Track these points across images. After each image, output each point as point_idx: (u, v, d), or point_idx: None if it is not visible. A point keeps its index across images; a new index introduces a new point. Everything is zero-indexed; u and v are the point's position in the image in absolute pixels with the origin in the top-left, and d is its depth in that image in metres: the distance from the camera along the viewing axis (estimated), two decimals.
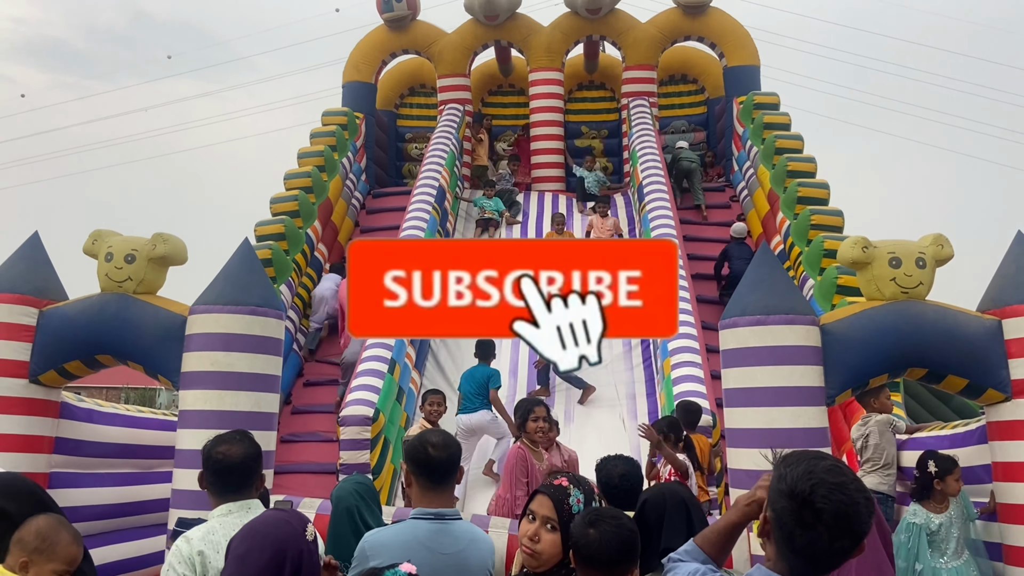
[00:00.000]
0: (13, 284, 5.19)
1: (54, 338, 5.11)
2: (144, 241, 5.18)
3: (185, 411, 4.79)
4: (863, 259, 5.18)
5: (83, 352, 5.12)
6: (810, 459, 1.70)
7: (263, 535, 2.05)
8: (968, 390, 4.94)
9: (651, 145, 11.30)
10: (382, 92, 13.45)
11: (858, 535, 1.62)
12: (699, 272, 9.90)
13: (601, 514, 2.18)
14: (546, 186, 12.49)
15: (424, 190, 10.49)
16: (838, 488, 1.62)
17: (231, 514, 2.56)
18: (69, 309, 5.17)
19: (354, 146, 12.12)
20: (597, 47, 13.24)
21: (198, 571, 2.39)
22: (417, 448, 2.51)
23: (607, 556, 2.11)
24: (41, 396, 5.20)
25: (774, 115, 10.83)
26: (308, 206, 10.11)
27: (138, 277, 5.14)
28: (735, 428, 4.78)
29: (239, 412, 4.57)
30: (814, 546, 1.62)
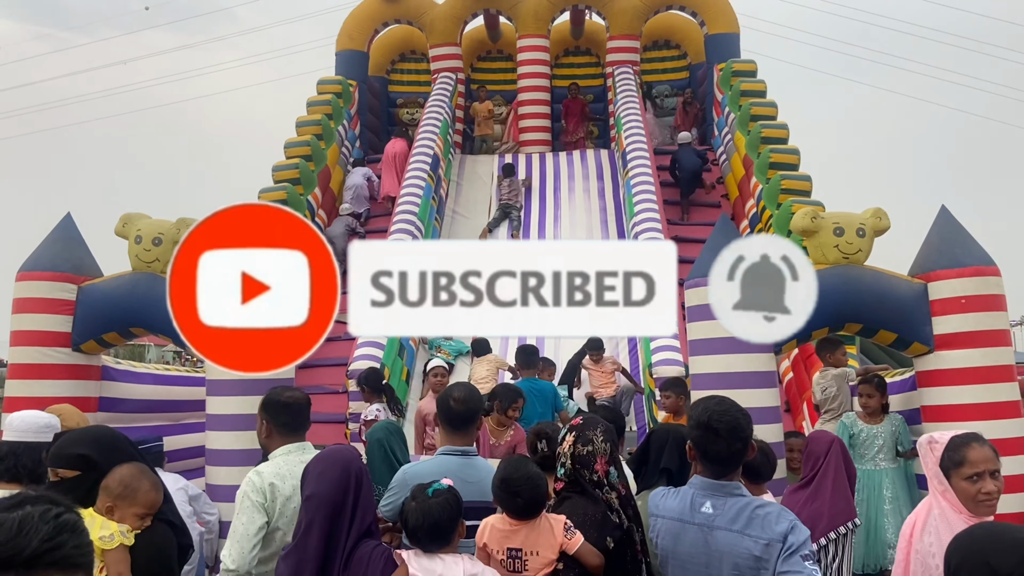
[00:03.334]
0: (53, 263, 5.87)
1: (93, 312, 5.79)
2: (170, 225, 5.83)
3: (212, 380, 5.47)
4: (812, 228, 5.89)
5: (119, 324, 5.81)
6: (707, 401, 2.50)
7: (333, 458, 2.77)
8: (897, 343, 5.70)
9: (635, 112, 11.88)
10: (374, 59, 13.91)
11: (745, 440, 2.47)
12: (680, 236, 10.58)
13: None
14: (534, 148, 13.06)
15: (420, 158, 11.12)
16: (724, 413, 2.48)
17: (290, 453, 3.06)
18: (105, 286, 5.85)
19: (348, 114, 12.69)
20: (583, 15, 13.73)
21: (268, 498, 2.91)
22: (443, 400, 3.18)
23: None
24: (83, 362, 5.93)
25: (751, 82, 11.41)
26: (308, 174, 10.74)
27: (165, 258, 5.75)
28: (698, 373, 5.56)
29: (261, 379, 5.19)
30: (720, 452, 2.46)
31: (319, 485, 2.67)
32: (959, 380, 5.38)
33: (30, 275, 5.83)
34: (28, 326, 5.76)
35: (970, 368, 5.35)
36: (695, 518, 2.46)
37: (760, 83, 11.44)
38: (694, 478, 2.55)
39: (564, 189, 11.91)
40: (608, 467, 2.73)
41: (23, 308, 5.79)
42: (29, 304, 5.78)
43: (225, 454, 5.20)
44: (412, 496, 2.70)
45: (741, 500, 2.45)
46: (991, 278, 5.50)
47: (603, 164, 12.36)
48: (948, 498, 2.57)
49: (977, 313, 5.42)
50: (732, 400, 2.56)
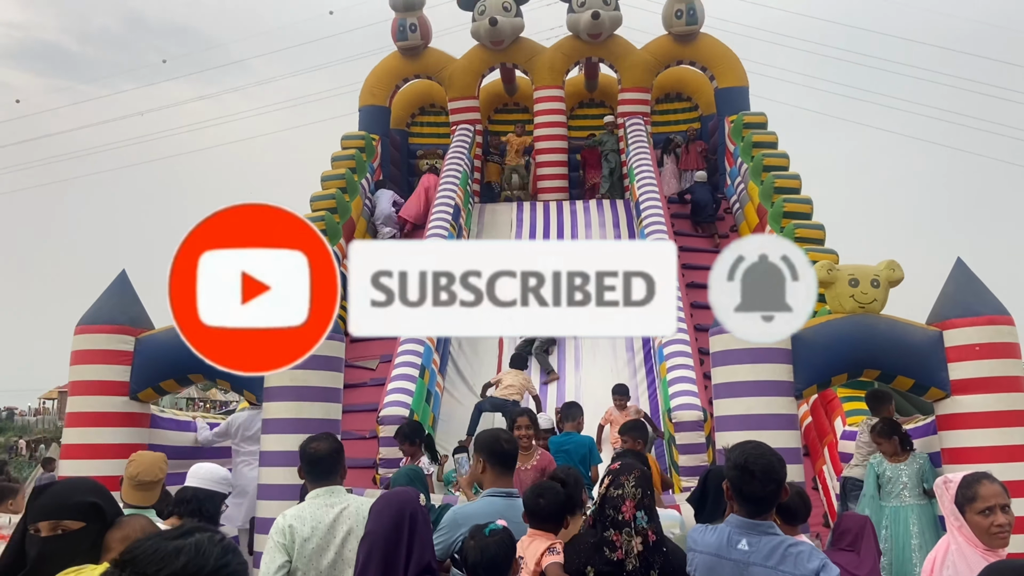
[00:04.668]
0: (112, 316, 6.24)
1: (151, 361, 6.14)
2: None
3: (268, 419, 5.84)
4: (828, 279, 6.22)
5: (177, 372, 6.15)
6: (743, 445, 2.79)
7: (392, 498, 3.07)
8: (915, 388, 5.99)
9: (647, 163, 12.33)
10: (394, 112, 14.45)
11: (779, 482, 2.73)
12: (694, 281, 10.92)
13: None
14: (551, 196, 13.46)
15: (442, 208, 11.53)
16: (760, 456, 2.75)
17: (318, 497, 3.28)
18: (163, 336, 6.21)
19: (371, 167, 13.17)
20: (596, 68, 14.29)
21: (288, 538, 3.15)
22: (495, 441, 3.43)
23: None
24: (137, 410, 6.26)
25: (762, 134, 11.88)
26: (334, 226, 11.13)
27: None
28: (722, 415, 5.86)
29: (312, 419, 5.60)
30: (755, 492, 2.71)
31: (376, 523, 2.95)
32: (975, 424, 5.65)
33: (89, 328, 6.21)
34: (88, 376, 6.11)
35: (986, 412, 5.62)
36: (731, 554, 2.67)
37: (771, 135, 11.90)
38: (730, 516, 2.77)
39: (581, 236, 12.27)
40: (636, 511, 2.87)
41: (83, 360, 6.14)
42: (89, 356, 6.14)
43: (277, 489, 5.50)
44: (471, 535, 2.95)
45: (775, 539, 2.66)
46: (1004, 327, 5.81)
47: (619, 213, 12.76)
48: (964, 533, 2.80)
49: (991, 360, 5.72)
50: (767, 445, 2.83)
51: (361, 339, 10.66)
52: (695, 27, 13.36)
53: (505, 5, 13.33)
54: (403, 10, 13.63)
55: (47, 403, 47.26)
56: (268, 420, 5.83)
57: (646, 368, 9.79)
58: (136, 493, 3.65)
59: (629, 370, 9.90)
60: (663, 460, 8.36)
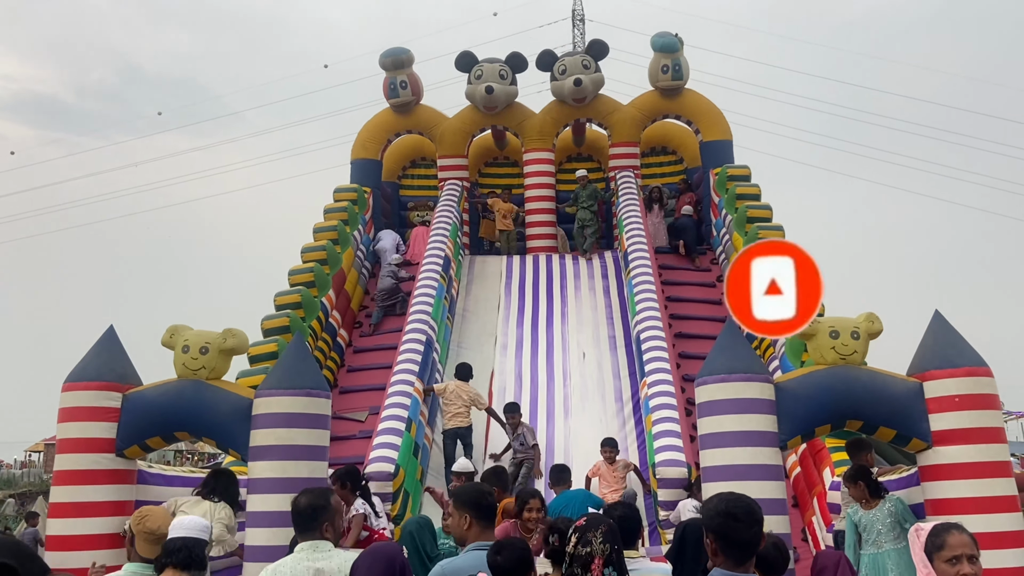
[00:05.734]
0: (99, 373, 6.27)
1: (138, 418, 6.17)
2: (216, 335, 6.28)
3: (254, 479, 5.84)
4: (809, 331, 6.32)
5: (163, 429, 6.19)
6: (719, 495, 2.88)
7: (379, 553, 3.14)
8: (897, 438, 6.06)
9: (636, 215, 12.54)
10: (386, 165, 14.65)
11: (761, 523, 2.81)
12: (683, 331, 11.03)
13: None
14: (541, 250, 13.60)
15: (432, 259, 11.69)
16: (739, 499, 2.84)
17: (301, 552, 3.34)
18: (150, 393, 6.25)
19: (363, 219, 13.34)
20: (584, 126, 14.64)
21: None
22: (478, 497, 3.54)
23: None
24: (124, 467, 6.25)
25: (745, 186, 12.13)
26: (323, 277, 11.25)
27: (210, 366, 6.24)
28: (709, 466, 5.91)
29: (298, 479, 5.60)
30: (742, 535, 2.77)
31: (368, 572, 3.04)
32: (957, 475, 5.71)
33: (76, 385, 6.23)
34: (75, 434, 6.11)
35: (967, 463, 5.69)
36: None
37: (754, 187, 12.15)
38: (714, 571, 2.81)
39: (571, 288, 12.42)
40: (604, 568, 2.90)
41: (70, 417, 6.15)
42: (76, 413, 6.15)
43: (262, 551, 5.48)
44: None
45: None
46: (984, 378, 5.91)
47: (607, 264, 12.93)
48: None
49: (971, 411, 5.80)
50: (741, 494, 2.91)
51: (349, 390, 10.72)
52: (680, 82, 13.71)
53: (502, 73, 13.70)
54: (392, 69, 13.96)
55: (33, 456, 46.63)
56: (253, 480, 5.84)
57: (635, 418, 9.81)
58: (153, 548, 3.67)
59: (619, 420, 9.92)
60: (651, 511, 8.33)
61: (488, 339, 11.59)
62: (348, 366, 11.31)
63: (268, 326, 10.05)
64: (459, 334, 11.79)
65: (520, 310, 12.04)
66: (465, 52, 14.04)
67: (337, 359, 11.26)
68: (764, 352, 10.11)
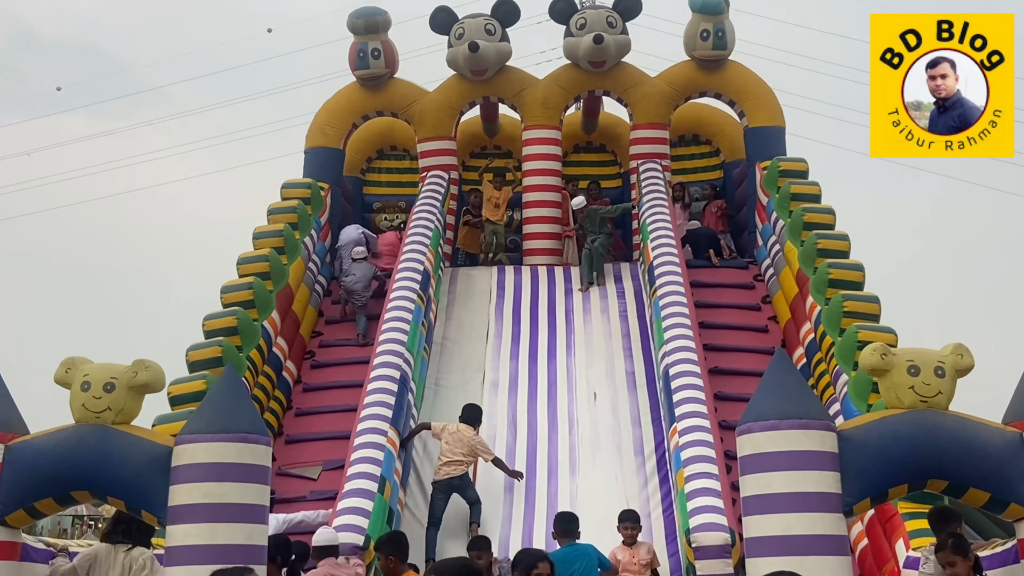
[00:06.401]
0: None
1: (25, 475, 6.07)
2: (123, 369, 6.22)
3: (173, 547, 5.76)
4: (882, 366, 6.31)
5: (57, 489, 6.09)
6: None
7: None
8: (991, 504, 6.03)
9: (664, 217, 12.57)
10: (348, 155, 14.63)
11: None
12: (719, 366, 11.02)
13: None
14: (541, 259, 13.59)
15: (407, 275, 11.62)
16: None
17: None
18: (40, 443, 6.18)
19: (318, 222, 13.33)
20: (598, 104, 14.71)
21: None
22: (465, 573, 3.68)
23: None
24: (6, 538, 6.18)
25: (802, 184, 12.18)
26: (265, 295, 11.19)
27: (117, 406, 6.14)
28: (753, 537, 5.86)
29: (232, 546, 5.56)
30: None
31: None
32: None
33: None
34: None
35: None
36: None
37: (813, 185, 12.21)
38: None
39: (578, 310, 12.40)
40: None
41: None
42: None
43: None
44: None
45: None
46: None
47: (625, 280, 12.94)
48: None
49: None
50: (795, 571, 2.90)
51: (298, 440, 10.64)
52: (723, 52, 13.80)
53: (488, 27, 13.70)
54: (363, 32, 13.99)
55: None
56: (173, 549, 5.76)
57: (660, 475, 9.78)
58: None
59: (639, 478, 9.88)
60: None
61: (474, 375, 11.53)
62: (296, 408, 11.26)
63: (195, 358, 9.97)
64: (437, 369, 11.75)
65: (515, 338, 12.02)
66: (441, 7, 14.04)
67: (282, 399, 11.21)
68: (822, 392, 10.12)
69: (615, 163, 15.05)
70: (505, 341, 11.98)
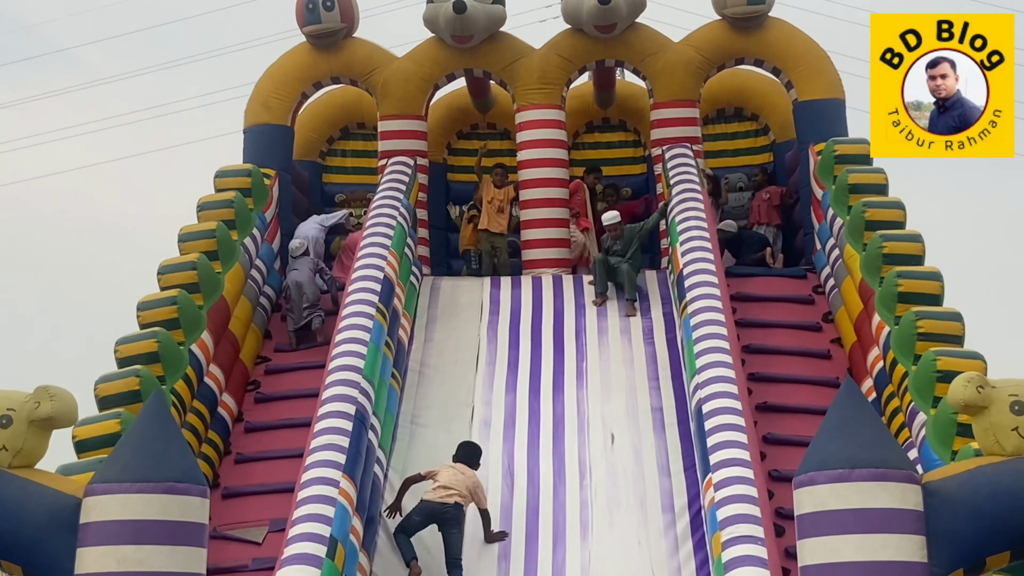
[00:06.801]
0: None
1: None
2: (22, 398, 6.15)
3: None
4: (976, 401, 6.28)
5: None
6: None
7: None
8: None
9: (697, 215, 12.51)
10: (301, 136, 14.69)
11: None
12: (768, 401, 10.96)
13: None
14: (543, 268, 13.61)
15: (363, 285, 11.48)
16: None
17: None
18: None
19: (262, 219, 13.26)
20: (612, 75, 14.78)
21: None
22: None
23: None
24: None
25: (863, 173, 12.08)
26: (193, 312, 11.07)
27: (15, 446, 6.07)
28: None
29: None
30: None
31: None
32: None
33: None
34: None
35: None
36: None
37: (879, 173, 12.14)
38: None
39: (591, 330, 12.37)
40: None
41: None
42: None
43: None
44: None
45: None
46: None
47: (651, 292, 12.89)
48: None
49: None
50: None
51: (236, 493, 10.51)
52: (762, 7, 13.79)
53: None
54: None
55: None
56: None
57: (694, 540, 9.70)
58: None
59: (667, 542, 9.79)
60: None
61: (460, 411, 11.44)
62: (236, 454, 11.14)
63: (106, 392, 9.78)
64: (413, 403, 11.64)
65: (511, 365, 11.97)
66: None
67: (218, 442, 11.09)
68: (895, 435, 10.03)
69: (638, 143, 15.05)
70: (499, 368, 11.94)
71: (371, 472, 9.97)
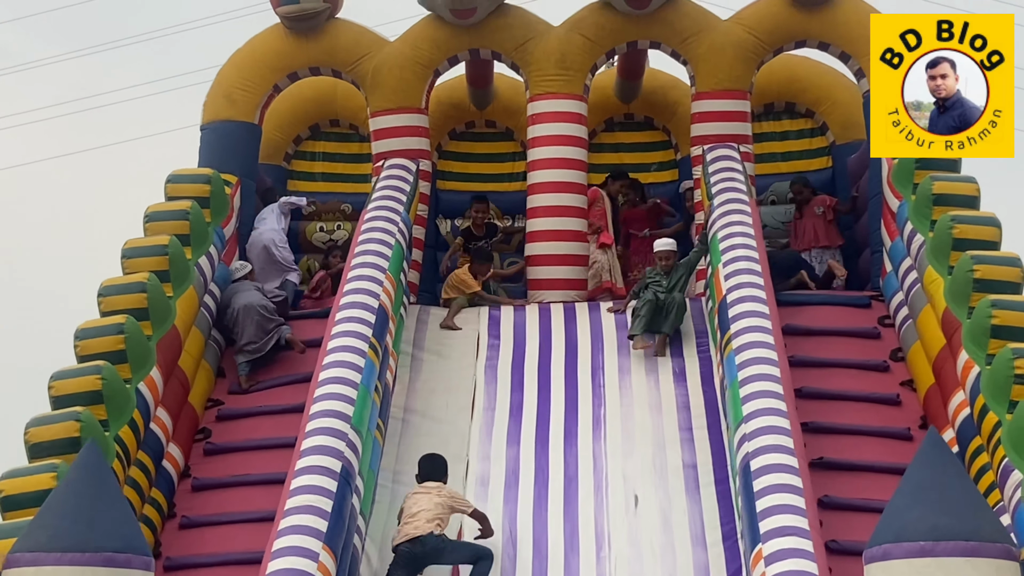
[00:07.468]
0: None
1: None
2: None
3: None
4: None
5: None
6: None
7: None
8: None
9: (744, 230, 12.61)
10: (267, 134, 14.78)
11: None
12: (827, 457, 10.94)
13: None
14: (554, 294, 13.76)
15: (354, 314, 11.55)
16: None
17: None
18: None
19: (220, 234, 13.32)
20: (641, 61, 14.97)
21: None
22: None
23: None
24: None
25: (952, 181, 12.08)
26: (141, 344, 11.07)
27: None
28: None
29: None
30: None
31: None
32: None
33: None
34: None
35: None
36: None
37: (969, 182, 12.16)
38: None
39: (610, 368, 12.44)
40: None
41: None
42: None
43: None
44: None
45: None
46: None
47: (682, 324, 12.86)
48: None
49: None
50: None
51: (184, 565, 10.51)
52: None
53: None
54: None
55: None
56: None
57: None
58: None
59: None
60: None
61: (453, 467, 11.40)
62: (182, 517, 11.14)
63: (38, 438, 9.72)
64: (395, 457, 11.68)
65: (514, 411, 12.04)
66: None
67: (162, 503, 11.10)
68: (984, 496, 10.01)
69: (667, 145, 15.20)
70: (500, 415, 11.99)
71: (351, 544, 9.90)
